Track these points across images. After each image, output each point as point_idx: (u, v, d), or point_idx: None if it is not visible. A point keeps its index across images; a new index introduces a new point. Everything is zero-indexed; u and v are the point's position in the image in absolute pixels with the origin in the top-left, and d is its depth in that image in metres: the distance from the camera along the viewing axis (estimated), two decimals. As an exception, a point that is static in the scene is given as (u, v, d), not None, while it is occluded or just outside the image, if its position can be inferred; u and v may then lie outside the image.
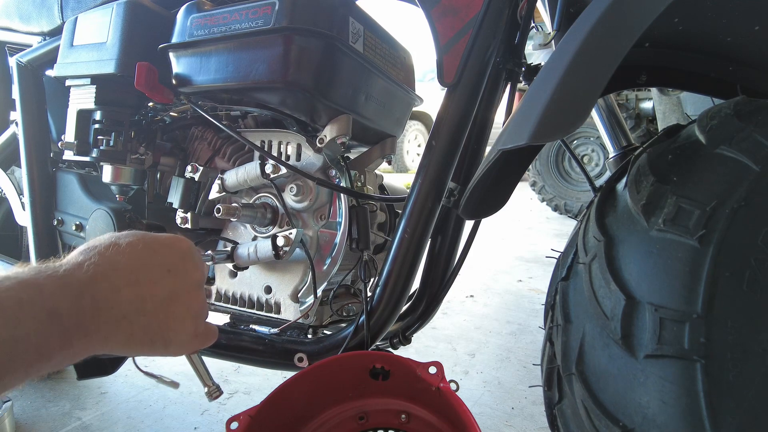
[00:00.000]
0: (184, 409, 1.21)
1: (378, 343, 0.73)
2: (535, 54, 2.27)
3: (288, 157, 0.81)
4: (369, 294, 0.72)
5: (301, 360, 0.72)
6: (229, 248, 0.82)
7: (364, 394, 0.63)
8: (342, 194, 0.78)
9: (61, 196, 1.00)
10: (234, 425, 0.55)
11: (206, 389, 0.53)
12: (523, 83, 0.77)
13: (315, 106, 0.75)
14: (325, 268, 0.80)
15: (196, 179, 0.85)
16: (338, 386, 0.63)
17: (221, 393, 0.53)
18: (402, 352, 0.72)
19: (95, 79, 0.86)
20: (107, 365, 0.89)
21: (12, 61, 1.04)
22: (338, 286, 0.85)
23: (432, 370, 0.55)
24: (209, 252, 0.78)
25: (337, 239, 0.79)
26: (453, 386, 0.54)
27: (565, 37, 0.46)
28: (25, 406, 1.21)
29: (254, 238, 0.83)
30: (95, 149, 0.87)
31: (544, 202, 4.00)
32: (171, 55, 0.80)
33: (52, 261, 0.37)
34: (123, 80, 0.82)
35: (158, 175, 0.95)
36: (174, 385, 0.57)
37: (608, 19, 0.43)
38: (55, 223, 1.00)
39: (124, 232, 0.41)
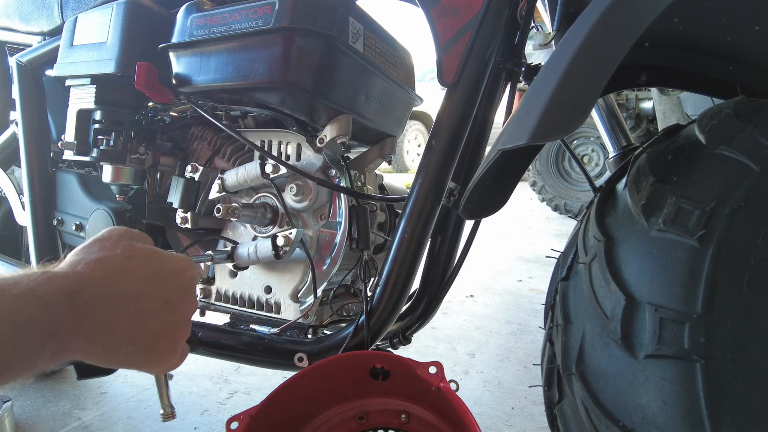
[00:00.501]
0: (184, 409, 1.21)
1: (378, 343, 0.73)
2: (535, 54, 2.27)
3: (288, 157, 0.81)
4: (369, 294, 0.72)
5: (301, 360, 0.72)
6: (229, 248, 0.82)
7: (364, 394, 0.63)
8: (342, 194, 0.78)
9: (61, 196, 1.00)
10: (234, 425, 0.55)
11: (162, 410, 0.53)
12: (523, 83, 0.77)
13: (315, 106, 0.75)
14: (325, 268, 0.80)
15: (196, 179, 0.85)
16: (338, 386, 0.63)
17: (175, 416, 0.54)
18: (402, 352, 0.72)
19: (95, 79, 0.86)
20: (107, 365, 0.89)
21: (12, 61, 1.04)
22: (338, 286, 0.85)
23: (432, 370, 0.55)
24: (209, 252, 0.78)
25: (337, 239, 0.79)
26: (453, 386, 0.54)
27: (565, 37, 0.46)
28: (25, 405, 1.21)
29: (254, 238, 0.83)
30: (95, 149, 0.87)
31: (544, 202, 4.00)
32: (171, 54, 0.80)
33: (62, 261, 0.37)
34: (123, 80, 0.82)
35: (158, 175, 0.95)
36: (168, 376, 0.58)
37: (608, 18, 0.43)
38: (55, 222, 1.00)
39: (138, 243, 0.40)
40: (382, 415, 0.66)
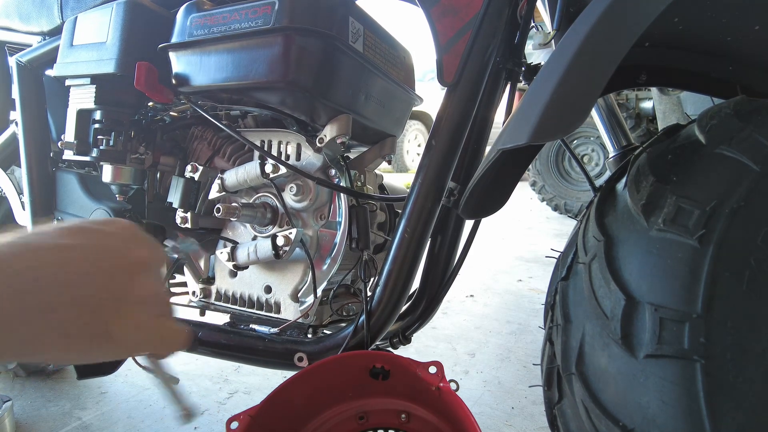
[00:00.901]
0: (184, 409, 1.21)
1: (378, 343, 0.73)
2: (535, 53, 2.27)
3: (288, 157, 0.81)
4: (369, 294, 0.72)
5: (301, 360, 0.72)
6: (228, 248, 0.82)
7: (364, 394, 0.63)
8: (342, 194, 0.78)
9: (61, 196, 1.00)
10: (234, 425, 0.55)
11: (181, 412, 0.46)
12: (523, 83, 0.77)
13: (315, 106, 0.75)
14: (324, 267, 0.80)
15: (196, 179, 0.85)
16: (338, 386, 0.63)
17: (196, 415, 0.48)
18: (402, 351, 0.72)
19: (95, 79, 0.86)
20: (107, 365, 0.89)
21: (12, 61, 1.04)
22: (338, 285, 0.85)
23: (432, 369, 0.55)
24: (170, 242, 0.76)
25: (337, 239, 0.79)
26: (453, 386, 0.54)
27: (565, 37, 0.46)
28: (25, 405, 1.22)
29: (254, 238, 0.83)
30: (95, 149, 0.87)
31: (544, 202, 4.00)
32: (171, 54, 0.80)
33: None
34: (123, 80, 0.82)
35: (158, 175, 0.95)
36: (173, 380, 0.56)
37: (608, 18, 0.43)
38: (55, 222, 1.00)
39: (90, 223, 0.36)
40: (382, 415, 0.66)
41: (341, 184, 0.79)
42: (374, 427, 0.66)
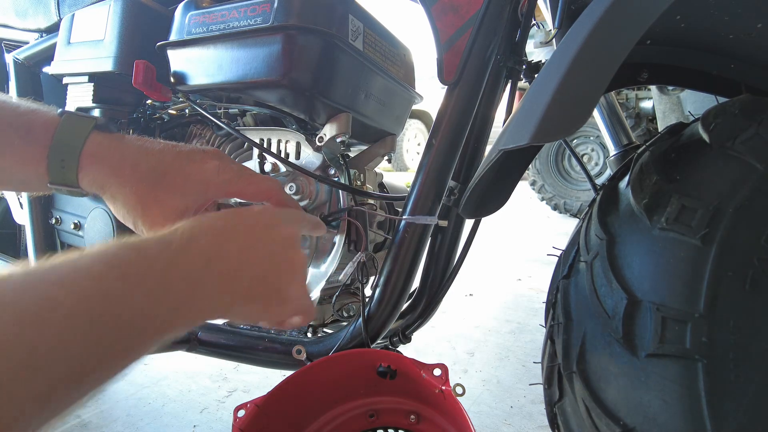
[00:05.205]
0: (183, 407, 1.21)
1: (379, 342, 0.73)
2: (536, 52, 2.27)
3: (287, 156, 0.80)
4: (369, 293, 0.72)
5: (299, 353, 0.72)
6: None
7: (376, 392, 0.63)
8: (341, 193, 0.78)
9: (60, 195, 1.00)
10: (241, 413, 0.56)
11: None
12: (523, 81, 0.77)
13: (314, 105, 0.74)
14: (324, 267, 0.79)
15: (195, 177, 0.85)
16: (350, 382, 0.62)
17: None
18: (401, 350, 0.72)
19: (93, 77, 0.86)
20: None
21: (9, 58, 1.03)
22: (340, 285, 0.84)
23: (437, 372, 0.55)
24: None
25: (336, 238, 0.79)
26: (459, 390, 0.53)
27: (566, 35, 0.46)
28: (24, 404, 1.21)
29: (253, 237, 0.83)
30: (93, 147, 0.87)
31: (544, 201, 4.00)
32: (169, 53, 0.79)
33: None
34: (121, 78, 0.82)
35: (157, 174, 0.94)
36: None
37: (610, 17, 0.43)
38: (53, 221, 1.00)
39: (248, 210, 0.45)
40: (392, 414, 0.65)
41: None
42: (384, 426, 0.66)
